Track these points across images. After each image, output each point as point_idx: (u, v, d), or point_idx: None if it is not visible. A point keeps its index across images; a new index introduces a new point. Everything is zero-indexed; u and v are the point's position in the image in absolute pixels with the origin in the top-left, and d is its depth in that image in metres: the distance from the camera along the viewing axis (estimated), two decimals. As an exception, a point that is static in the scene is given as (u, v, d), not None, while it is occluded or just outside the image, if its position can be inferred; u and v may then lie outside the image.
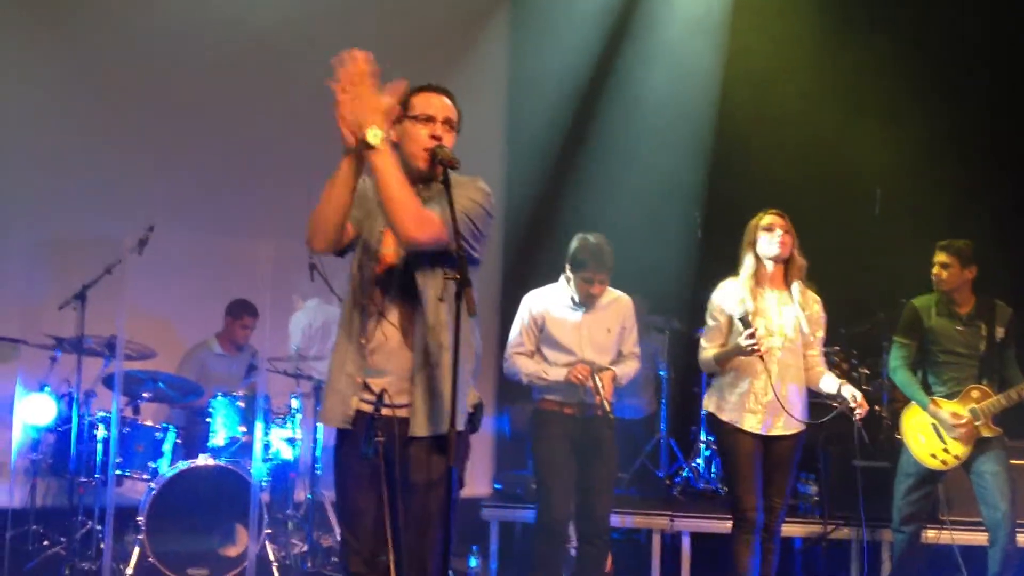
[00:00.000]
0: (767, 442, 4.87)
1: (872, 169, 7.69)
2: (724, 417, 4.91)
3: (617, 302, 5.16)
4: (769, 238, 4.89)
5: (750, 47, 8.01)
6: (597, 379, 4.86)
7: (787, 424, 4.86)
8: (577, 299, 5.05)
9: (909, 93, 7.65)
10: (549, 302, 5.10)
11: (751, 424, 4.85)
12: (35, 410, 6.02)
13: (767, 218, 4.94)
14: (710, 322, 5.02)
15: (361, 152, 2.97)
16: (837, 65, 7.90)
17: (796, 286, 4.94)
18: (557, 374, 4.96)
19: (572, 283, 5.05)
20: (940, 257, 5.58)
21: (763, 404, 4.83)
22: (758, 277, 4.94)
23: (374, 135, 2.93)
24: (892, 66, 7.81)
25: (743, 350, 4.70)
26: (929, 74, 7.65)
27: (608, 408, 4.86)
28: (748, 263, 4.96)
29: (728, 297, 4.95)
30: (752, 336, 4.65)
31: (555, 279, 5.19)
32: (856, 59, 7.87)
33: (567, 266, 5.08)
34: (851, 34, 7.87)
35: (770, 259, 4.91)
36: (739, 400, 4.87)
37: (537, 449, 5.08)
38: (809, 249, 5.05)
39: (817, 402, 5.18)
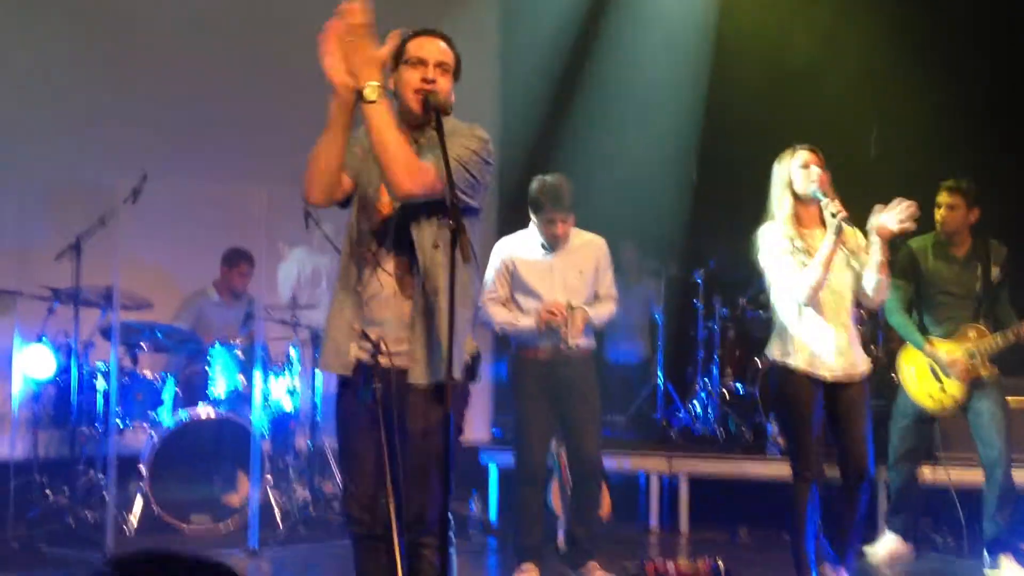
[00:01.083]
0: (833, 389, 4.56)
1: (867, 111, 7.65)
2: (786, 363, 4.58)
3: (590, 244, 5.14)
4: (806, 175, 4.53)
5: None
6: (568, 314, 4.88)
7: (850, 367, 4.56)
8: (544, 242, 5.04)
9: (901, 34, 7.60)
10: (519, 247, 5.10)
11: (809, 369, 4.54)
12: (34, 362, 6.03)
13: (802, 154, 4.55)
14: (780, 258, 4.54)
15: (356, 103, 2.94)
16: (830, 8, 7.84)
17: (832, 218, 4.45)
18: (527, 322, 4.97)
19: (537, 226, 5.05)
20: (946, 198, 5.54)
21: (822, 347, 4.53)
22: (798, 217, 4.58)
23: (371, 89, 2.90)
24: (884, 7, 7.75)
25: (836, 225, 4.36)
26: (923, 14, 7.58)
27: (569, 344, 4.90)
28: (786, 204, 4.56)
29: (775, 233, 4.61)
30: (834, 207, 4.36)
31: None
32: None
33: (529, 210, 5.07)
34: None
35: (809, 197, 4.53)
36: (800, 345, 4.55)
37: (514, 396, 5.13)
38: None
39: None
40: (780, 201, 4.59)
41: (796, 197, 4.56)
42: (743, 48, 8.02)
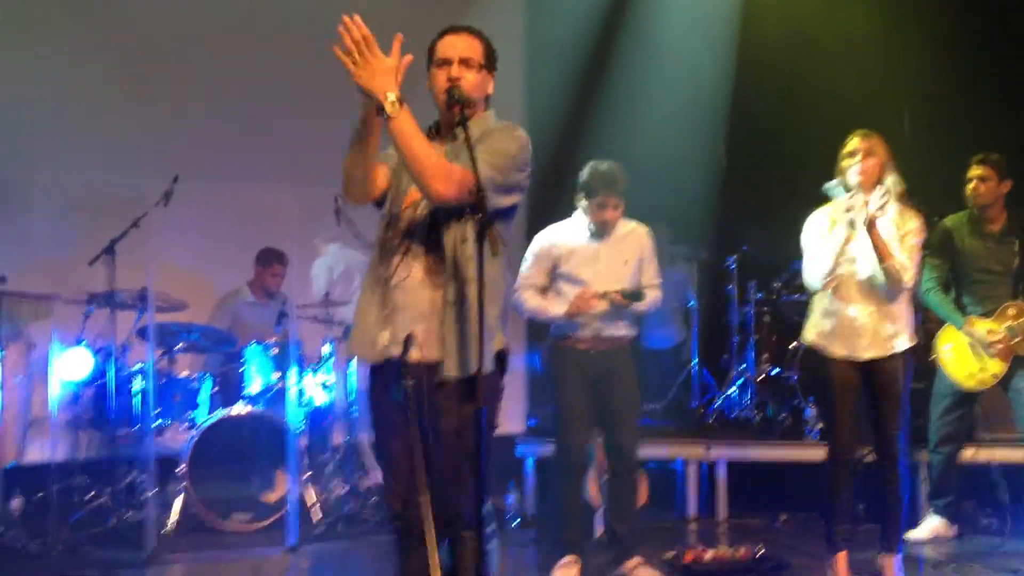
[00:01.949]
0: (866, 368, 4.63)
1: (899, 90, 7.57)
2: (814, 343, 4.69)
3: (634, 232, 5.09)
4: (849, 164, 4.57)
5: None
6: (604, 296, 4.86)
7: (881, 346, 4.58)
8: (592, 228, 5.00)
9: (929, 11, 7.52)
10: (563, 236, 5.04)
11: (839, 349, 4.62)
12: (72, 365, 6.09)
13: (850, 142, 4.59)
14: (813, 242, 4.64)
15: (380, 116, 2.93)
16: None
17: (877, 199, 4.49)
18: (559, 309, 4.93)
19: (586, 211, 5.00)
20: (977, 171, 5.48)
21: (850, 326, 4.58)
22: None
23: (391, 104, 2.89)
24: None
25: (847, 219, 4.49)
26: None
27: (619, 297, 4.86)
28: (838, 190, 4.61)
29: (820, 216, 4.69)
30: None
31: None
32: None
33: (580, 195, 5.03)
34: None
35: (850, 185, 4.56)
36: (827, 324, 4.64)
37: (552, 387, 5.10)
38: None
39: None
40: (828, 186, 4.63)
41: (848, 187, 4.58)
42: (771, 32, 7.95)
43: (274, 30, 7.47)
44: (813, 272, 4.61)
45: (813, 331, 4.70)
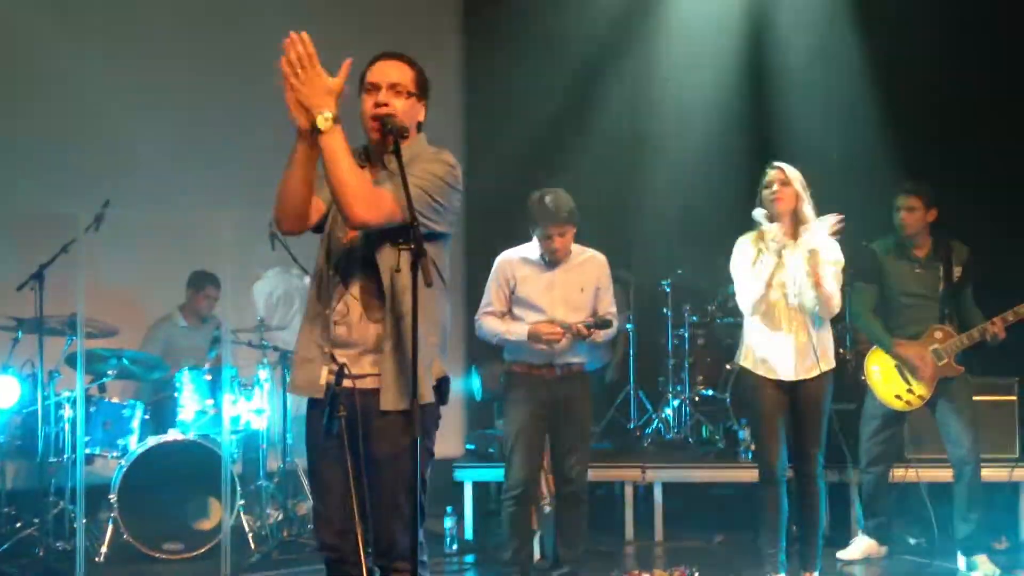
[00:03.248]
0: (792, 389, 4.89)
1: (830, 120, 7.76)
2: (746, 365, 4.97)
3: (591, 260, 5.09)
4: (767, 194, 4.87)
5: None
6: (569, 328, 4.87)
7: (808, 368, 4.86)
8: (544, 257, 5.03)
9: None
10: (520, 262, 5.04)
11: (769, 370, 4.89)
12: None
13: (767, 174, 4.89)
14: (739, 268, 4.92)
15: (313, 134, 2.92)
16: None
17: (810, 231, 4.81)
18: (520, 331, 4.92)
19: (537, 241, 5.02)
20: (906, 201, 5.60)
21: (780, 349, 4.86)
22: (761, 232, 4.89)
23: (324, 119, 2.88)
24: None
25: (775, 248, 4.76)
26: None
27: (583, 330, 4.87)
28: (758, 218, 4.89)
29: (745, 244, 4.95)
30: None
31: (522, 242, 5.15)
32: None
33: (530, 225, 5.05)
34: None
35: (772, 214, 4.85)
36: (758, 347, 4.91)
37: (506, 411, 5.10)
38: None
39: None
40: (756, 214, 4.91)
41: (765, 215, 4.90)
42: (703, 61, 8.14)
43: (210, 53, 7.42)
44: (744, 299, 4.91)
45: (745, 354, 4.98)
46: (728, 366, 7.08)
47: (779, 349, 4.86)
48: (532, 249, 5.06)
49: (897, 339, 5.59)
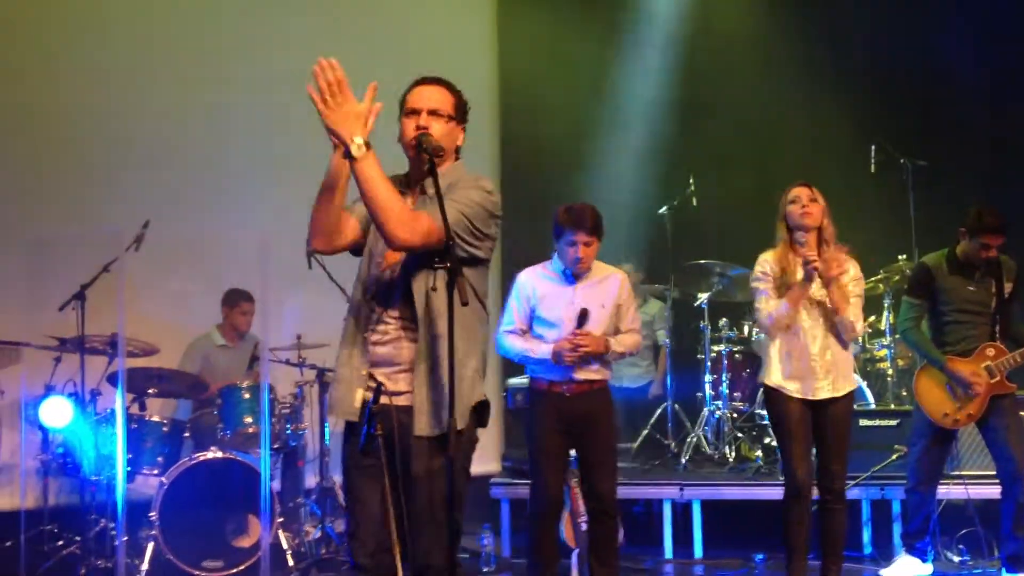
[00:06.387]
0: (816, 407, 4.95)
1: (866, 126, 7.69)
2: (772, 384, 5.02)
3: (611, 278, 5.11)
4: (795, 209, 4.98)
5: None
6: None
7: (833, 387, 4.94)
8: (567, 269, 5.01)
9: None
10: (540, 279, 5.07)
11: (795, 389, 4.95)
12: (54, 412, 6.01)
13: (793, 190, 5.02)
14: (760, 284, 5.05)
15: (347, 159, 2.94)
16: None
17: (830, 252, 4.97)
18: (544, 350, 4.93)
19: (561, 255, 5.02)
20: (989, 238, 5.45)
21: (806, 368, 4.93)
22: (792, 247, 5.03)
23: (356, 147, 2.89)
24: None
25: (805, 271, 4.83)
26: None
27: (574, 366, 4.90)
28: (780, 235, 5.07)
29: (765, 262, 5.07)
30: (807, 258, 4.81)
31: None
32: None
33: (553, 238, 5.05)
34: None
35: (800, 229, 4.99)
36: (784, 366, 4.98)
37: (530, 428, 5.10)
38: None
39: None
40: (777, 231, 5.06)
41: (789, 230, 5.04)
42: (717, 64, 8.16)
43: (245, 74, 7.50)
44: (763, 317, 5.03)
45: (771, 372, 5.03)
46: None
47: (802, 368, 4.94)
48: (551, 266, 5.09)
49: (949, 356, 5.51)
